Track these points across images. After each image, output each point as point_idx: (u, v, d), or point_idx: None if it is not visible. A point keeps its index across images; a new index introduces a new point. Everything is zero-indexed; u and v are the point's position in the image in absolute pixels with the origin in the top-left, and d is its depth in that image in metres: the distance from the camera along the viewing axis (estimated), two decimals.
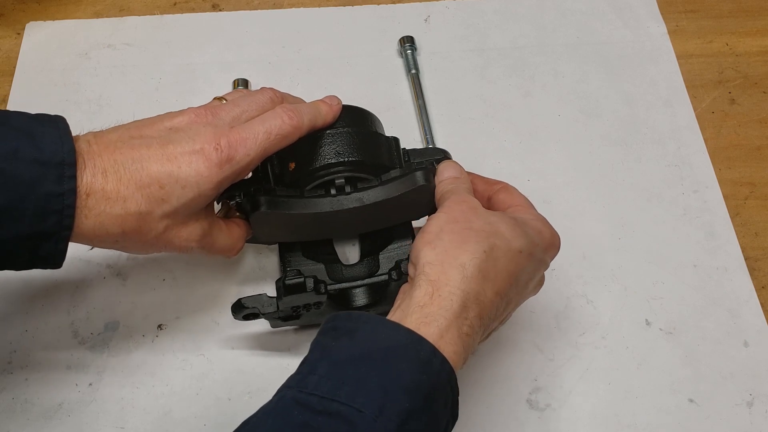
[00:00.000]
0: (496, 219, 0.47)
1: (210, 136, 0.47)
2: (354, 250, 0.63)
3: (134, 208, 0.45)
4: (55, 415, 0.55)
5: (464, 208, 0.48)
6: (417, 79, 0.72)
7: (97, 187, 0.44)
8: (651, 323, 0.60)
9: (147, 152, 0.46)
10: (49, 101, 0.71)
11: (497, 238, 0.46)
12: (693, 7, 0.79)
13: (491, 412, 0.56)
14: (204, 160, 0.46)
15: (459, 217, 0.47)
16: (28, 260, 0.46)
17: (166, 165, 0.46)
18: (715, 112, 0.72)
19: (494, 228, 0.46)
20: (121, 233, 0.46)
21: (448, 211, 0.48)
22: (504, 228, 0.47)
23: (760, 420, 0.56)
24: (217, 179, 0.47)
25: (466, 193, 0.51)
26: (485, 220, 0.47)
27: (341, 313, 0.45)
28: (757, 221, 0.66)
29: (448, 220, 0.47)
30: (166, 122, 0.49)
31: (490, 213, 0.48)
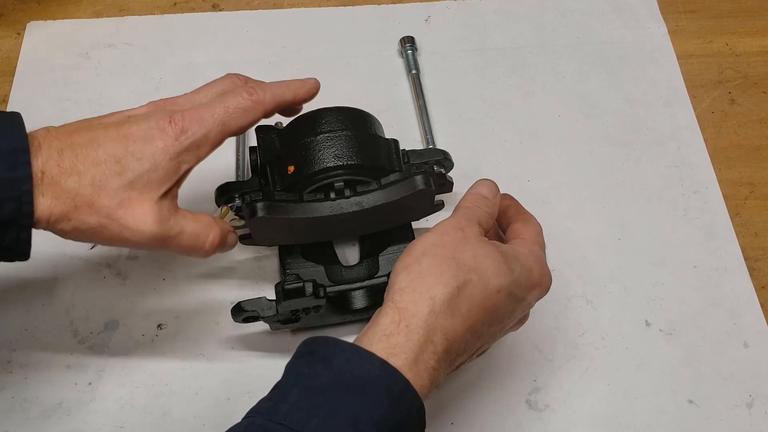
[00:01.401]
0: (484, 253, 0.46)
1: (166, 115, 0.48)
2: (354, 251, 0.63)
3: (88, 181, 0.44)
4: (55, 414, 0.55)
5: (458, 235, 0.47)
6: (417, 80, 0.72)
7: (52, 165, 0.44)
8: (651, 324, 0.60)
9: (104, 133, 0.46)
10: (49, 101, 0.71)
11: (476, 274, 0.45)
12: (693, 7, 0.79)
13: (490, 413, 0.56)
14: (159, 133, 0.47)
15: (447, 243, 0.46)
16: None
17: (121, 142, 0.46)
18: (715, 112, 0.72)
19: (477, 263, 0.45)
20: (74, 208, 0.44)
21: (440, 233, 0.47)
22: (488, 264, 0.45)
23: (760, 421, 0.56)
24: (174, 151, 0.47)
25: (472, 218, 0.49)
26: (473, 252, 0.46)
27: (319, 338, 0.44)
28: (757, 221, 0.66)
29: (435, 243, 0.47)
30: (126, 112, 0.49)
31: (482, 245, 0.47)
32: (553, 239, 0.64)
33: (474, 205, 0.51)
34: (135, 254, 0.62)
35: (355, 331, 0.59)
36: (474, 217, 0.49)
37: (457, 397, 0.57)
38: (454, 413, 0.56)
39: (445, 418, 0.56)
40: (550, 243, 0.63)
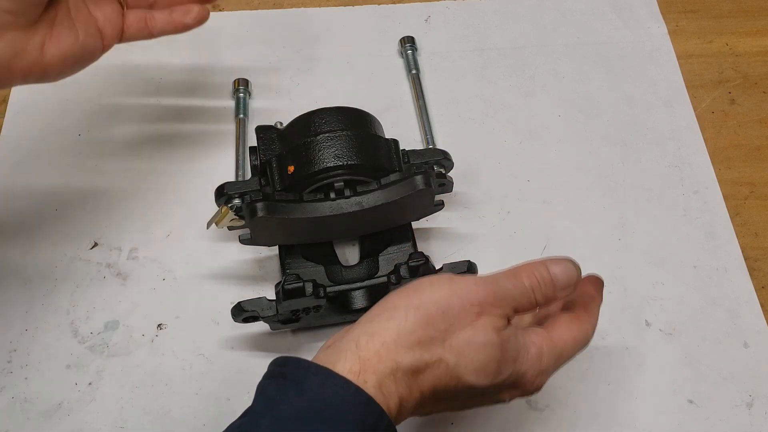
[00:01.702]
0: (483, 341, 0.40)
1: None
2: (354, 251, 0.63)
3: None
4: (55, 415, 0.55)
5: (471, 310, 0.41)
6: (417, 80, 0.72)
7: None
8: (651, 324, 0.60)
9: None
10: (49, 101, 0.71)
11: (454, 358, 0.40)
12: (693, 7, 0.79)
13: (490, 413, 0.56)
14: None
15: (453, 309, 0.41)
16: None
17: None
18: (715, 112, 0.72)
19: (466, 349, 0.40)
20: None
21: (456, 292, 0.41)
22: (478, 358, 0.40)
23: (760, 421, 0.56)
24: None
25: (508, 303, 0.42)
26: (470, 335, 0.40)
27: (291, 359, 0.41)
28: (757, 221, 0.66)
29: (440, 303, 0.41)
30: None
31: (486, 332, 0.41)
32: (553, 239, 0.64)
33: (531, 287, 0.43)
34: (135, 254, 0.62)
35: None
36: (513, 302, 0.43)
37: None
38: (454, 413, 0.56)
39: (445, 418, 0.56)
40: (550, 243, 0.64)
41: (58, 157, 0.67)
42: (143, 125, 0.70)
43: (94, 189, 0.66)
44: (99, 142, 0.68)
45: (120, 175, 0.66)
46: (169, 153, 0.68)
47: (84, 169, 0.67)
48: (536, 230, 0.65)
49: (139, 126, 0.69)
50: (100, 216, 0.64)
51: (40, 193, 0.65)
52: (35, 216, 0.64)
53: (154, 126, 0.70)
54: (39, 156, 0.67)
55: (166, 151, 0.68)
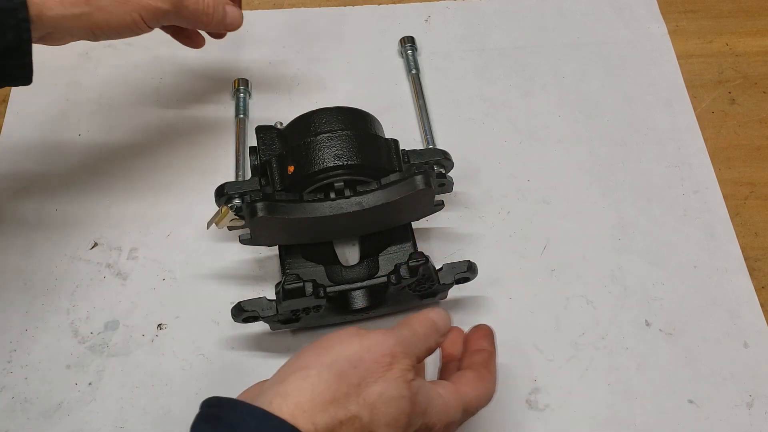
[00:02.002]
0: (394, 395, 0.41)
1: None
2: (354, 251, 0.63)
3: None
4: (55, 415, 0.55)
5: (383, 361, 0.41)
6: (417, 80, 0.72)
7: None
8: (651, 324, 0.60)
9: None
10: (49, 101, 0.71)
11: (368, 414, 0.40)
12: (693, 7, 0.79)
13: (490, 413, 0.56)
14: None
15: (364, 363, 0.41)
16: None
17: None
18: (715, 112, 0.72)
19: (378, 402, 0.40)
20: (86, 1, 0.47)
21: (367, 348, 0.42)
22: (389, 410, 0.40)
23: (760, 421, 0.56)
24: None
25: (413, 350, 0.43)
26: (382, 388, 0.41)
27: (224, 400, 0.41)
28: (757, 221, 0.66)
29: (351, 358, 0.41)
30: None
31: (397, 385, 0.41)
32: (553, 239, 0.64)
33: (424, 333, 0.45)
34: (135, 254, 0.62)
35: None
36: (416, 349, 0.44)
37: None
38: None
39: None
40: (550, 243, 0.64)
41: (58, 157, 0.67)
42: (143, 125, 0.70)
43: (94, 189, 0.66)
44: (99, 142, 0.68)
45: (120, 175, 0.66)
46: (169, 153, 0.68)
47: (84, 169, 0.67)
48: (536, 230, 0.65)
49: (139, 126, 0.69)
50: (100, 216, 0.64)
51: (40, 193, 0.65)
52: (35, 216, 0.64)
53: (154, 126, 0.70)
54: (39, 156, 0.67)
55: (166, 151, 0.68)
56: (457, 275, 0.55)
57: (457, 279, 0.55)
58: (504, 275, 0.62)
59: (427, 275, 0.54)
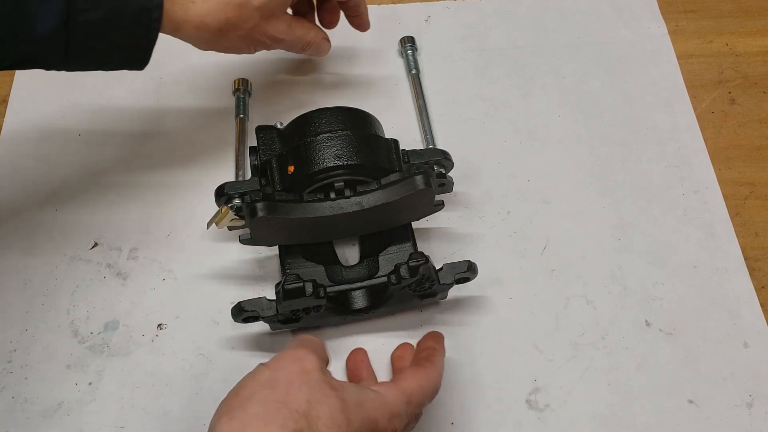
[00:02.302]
0: (320, 398, 0.42)
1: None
2: (354, 251, 0.63)
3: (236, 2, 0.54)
4: (55, 415, 0.55)
5: (295, 368, 0.43)
6: (417, 80, 0.72)
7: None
8: (651, 324, 0.60)
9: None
10: (49, 101, 0.71)
11: (307, 424, 0.40)
12: (693, 7, 0.79)
13: (490, 413, 0.56)
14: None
15: (280, 381, 0.42)
16: (118, 63, 0.54)
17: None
18: (715, 112, 0.72)
19: (310, 409, 0.41)
20: (225, 20, 0.55)
21: (275, 367, 0.43)
22: (322, 413, 0.41)
23: (760, 421, 0.56)
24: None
25: (310, 347, 0.45)
26: (307, 395, 0.41)
27: None
28: (757, 221, 0.66)
29: (266, 382, 0.42)
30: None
31: (319, 387, 0.42)
32: (553, 239, 0.64)
33: (306, 337, 0.48)
34: (135, 254, 0.62)
35: (355, 331, 0.59)
36: (310, 345, 0.46)
37: (457, 397, 0.57)
38: (454, 413, 0.56)
39: (445, 418, 0.56)
40: (550, 243, 0.64)
41: (58, 157, 0.67)
42: (143, 125, 0.70)
43: (94, 189, 0.66)
44: (99, 142, 0.68)
45: (120, 175, 0.66)
46: (169, 153, 0.68)
47: (84, 169, 0.67)
48: (536, 230, 0.65)
49: (139, 126, 0.69)
50: (100, 216, 0.64)
51: (40, 193, 0.65)
52: (35, 216, 0.64)
53: (154, 126, 0.70)
54: (39, 156, 0.67)
55: (166, 151, 0.68)
56: (457, 275, 0.55)
57: (457, 279, 0.55)
58: (504, 275, 0.62)
59: (427, 275, 0.54)
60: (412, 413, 0.48)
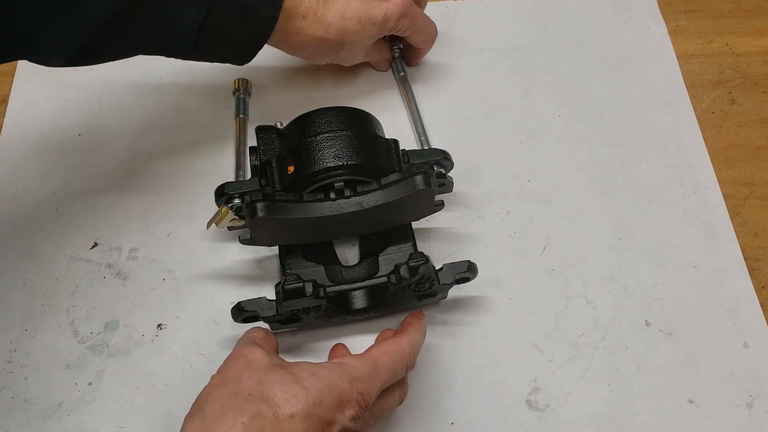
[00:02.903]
0: (271, 378, 0.44)
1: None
2: (354, 251, 0.63)
3: (333, 35, 0.61)
4: (55, 415, 0.55)
5: (240, 363, 0.45)
6: (407, 82, 0.71)
7: (311, 12, 0.59)
8: (651, 324, 0.60)
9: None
10: (49, 101, 0.71)
11: (263, 403, 0.42)
12: (693, 7, 0.79)
13: (490, 413, 0.56)
14: (392, 7, 0.63)
15: (229, 378, 0.44)
16: (224, 58, 0.60)
17: (364, 5, 0.62)
18: (715, 112, 0.72)
19: (263, 389, 0.43)
20: (317, 48, 0.62)
21: (221, 370, 0.46)
22: (276, 389, 0.43)
23: (760, 421, 0.56)
24: (394, 25, 0.64)
25: (248, 342, 0.49)
26: (258, 379, 0.44)
27: None
28: (757, 221, 0.66)
29: (218, 382, 0.45)
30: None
31: (268, 369, 0.45)
32: (553, 239, 0.64)
33: (245, 333, 0.52)
34: (135, 254, 0.62)
35: (356, 331, 0.59)
36: (249, 340, 0.49)
37: (457, 397, 0.57)
38: (454, 413, 0.56)
39: (445, 418, 0.56)
40: (550, 243, 0.64)
41: (58, 157, 0.67)
42: (143, 125, 0.70)
43: (94, 189, 0.66)
44: (99, 142, 0.68)
45: (120, 175, 0.66)
46: (169, 153, 0.68)
47: (84, 169, 0.67)
48: (536, 230, 0.65)
49: (139, 126, 0.69)
50: (100, 216, 0.64)
51: (40, 193, 0.65)
52: (35, 216, 0.64)
53: (154, 126, 0.70)
54: (39, 156, 0.67)
55: (166, 151, 0.68)
56: (457, 275, 0.55)
57: (457, 279, 0.55)
58: (504, 275, 0.62)
59: (427, 275, 0.54)
60: (381, 379, 0.48)
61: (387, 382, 0.48)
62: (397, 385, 0.51)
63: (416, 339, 0.52)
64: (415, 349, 0.51)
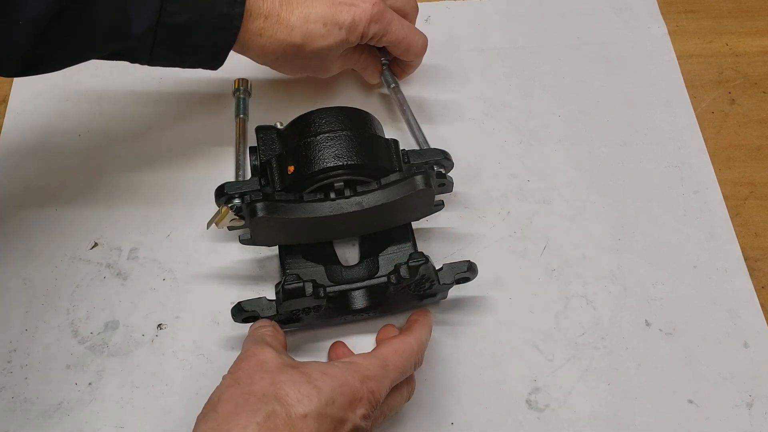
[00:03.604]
0: (284, 378, 0.44)
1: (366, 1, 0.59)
2: (354, 251, 0.63)
3: (297, 39, 0.58)
4: (55, 415, 0.55)
5: (251, 364, 0.45)
6: (400, 93, 0.67)
7: (273, 13, 0.57)
8: (651, 324, 0.60)
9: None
10: (49, 101, 0.71)
11: (277, 403, 0.42)
12: (693, 7, 0.79)
13: (490, 413, 0.56)
14: (361, 12, 0.59)
15: (242, 378, 0.45)
16: (194, 62, 0.58)
17: (330, 8, 0.58)
18: (715, 112, 0.72)
19: (276, 389, 0.43)
20: (282, 53, 0.59)
21: (233, 370, 0.46)
22: (289, 389, 0.43)
23: (760, 421, 0.56)
24: (363, 31, 0.59)
25: (259, 341, 0.48)
26: (271, 379, 0.44)
27: None
28: (757, 221, 0.66)
29: (230, 383, 0.45)
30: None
31: (280, 369, 0.45)
32: (553, 239, 0.64)
33: (254, 330, 0.51)
34: (135, 254, 0.62)
35: (356, 331, 0.59)
36: (259, 339, 0.49)
37: (457, 397, 0.57)
38: (454, 413, 0.56)
39: (445, 418, 0.56)
40: (550, 243, 0.64)
41: (58, 157, 0.67)
42: (143, 125, 0.70)
43: (94, 189, 0.66)
44: (99, 142, 0.68)
45: (120, 175, 0.66)
46: (169, 153, 0.68)
47: (84, 169, 0.67)
48: (536, 230, 0.65)
49: (139, 126, 0.69)
50: (100, 216, 0.64)
51: (40, 193, 0.65)
52: (35, 216, 0.64)
53: (154, 126, 0.70)
54: (39, 156, 0.67)
55: (166, 151, 0.68)
56: (457, 275, 0.55)
57: (457, 279, 0.55)
58: (504, 275, 0.62)
59: (427, 275, 0.54)
60: (391, 377, 0.48)
61: (396, 380, 0.49)
62: (405, 383, 0.51)
63: (423, 336, 0.52)
64: (422, 346, 0.51)
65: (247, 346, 0.49)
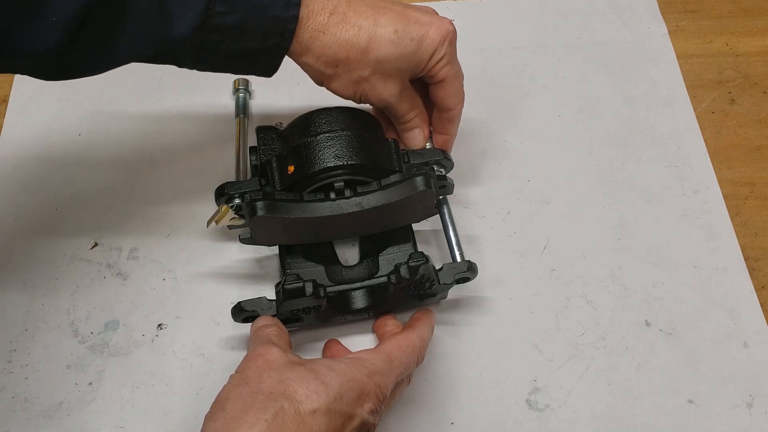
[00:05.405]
0: (291, 376, 0.44)
1: (443, 20, 0.56)
2: (354, 251, 0.63)
3: (363, 41, 0.52)
4: (55, 414, 0.55)
5: (258, 363, 0.45)
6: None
7: (340, 10, 0.52)
8: (651, 324, 0.60)
9: (391, 5, 0.54)
10: (49, 101, 0.71)
11: (285, 400, 0.42)
12: (693, 7, 0.80)
13: (490, 413, 0.56)
14: (436, 29, 0.54)
15: (250, 377, 0.44)
16: (246, 69, 0.54)
17: (403, 19, 0.54)
18: (715, 112, 0.72)
19: (284, 387, 0.43)
20: (345, 58, 0.53)
21: (240, 370, 0.46)
22: (297, 386, 0.43)
23: (760, 421, 0.56)
24: (435, 49, 0.55)
25: (264, 341, 0.48)
26: (279, 377, 0.44)
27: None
28: (757, 221, 0.66)
29: (238, 382, 0.45)
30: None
31: (287, 366, 0.45)
32: (553, 239, 0.64)
33: (258, 329, 0.51)
34: (135, 254, 0.62)
35: (355, 331, 0.59)
36: (265, 339, 0.49)
37: (457, 397, 0.57)
38: (454, 413, 0.56)
39: (445, 418, 0.56)
40: (550, 243, 0.64)
41: (58, 157, 0.67)
42: (143, 125, 0.70)
43: (94, 189, 0.66)
44: (99, 142, 0.68)
45: (120, 175, 0.66)
46: (169, 153, 0.68)
47: (84, 169, 0.67)
48: (536, 230, 0.65)
49: (139, 126, 0.69)
50: (100, 216, 0.64)
51: (40, 193, 0.65)
52: (35, 216, 0.64)
53: (154, 126, 0.70)
54: (39, 156, 0.67)
55: (166, 151, 0.68)
56: (457, 275, 0.55)
57: (457, 279, 0.55)
58: (504, 275, 0.62)
59: (427, 275, 0.54)
60: (396, 372, 0.48)
61: (400, 375, 0.49)
62: (405, 378, 0.52)
63: (426, 333, 0.53)
64: (425, 344, 0.52)
65: (253, 346, 0.49)
